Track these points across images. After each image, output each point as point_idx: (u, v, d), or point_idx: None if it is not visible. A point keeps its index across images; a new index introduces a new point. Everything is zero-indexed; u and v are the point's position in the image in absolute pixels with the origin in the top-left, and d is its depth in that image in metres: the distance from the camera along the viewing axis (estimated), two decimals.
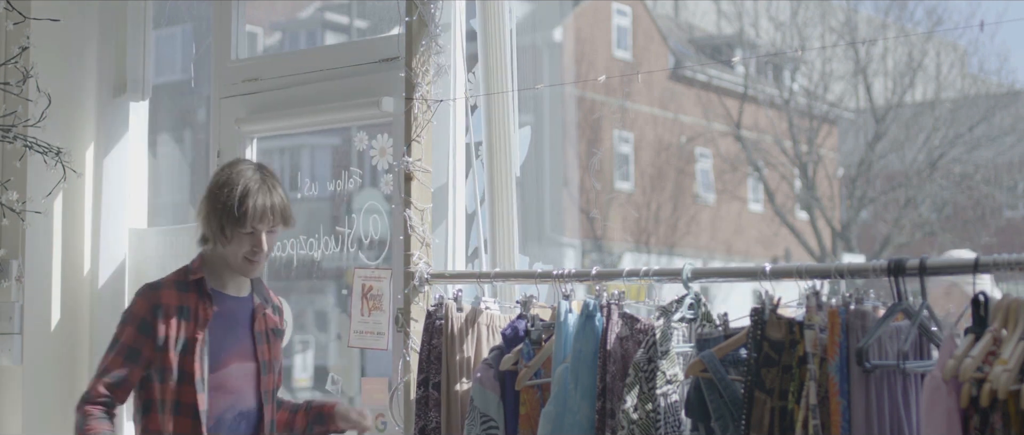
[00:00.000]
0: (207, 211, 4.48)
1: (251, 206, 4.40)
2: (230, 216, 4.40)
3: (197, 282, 4.52)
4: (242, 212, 4.39)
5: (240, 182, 4.43)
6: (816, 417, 3.44)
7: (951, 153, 25.25)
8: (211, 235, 4.48)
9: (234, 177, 4.45)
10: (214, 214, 4.44)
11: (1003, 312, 3.22)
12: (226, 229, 4.41)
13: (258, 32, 7.18)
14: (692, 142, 28.41)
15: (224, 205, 4.41)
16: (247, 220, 4.40)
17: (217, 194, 4.45)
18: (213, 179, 4.53)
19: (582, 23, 27.94)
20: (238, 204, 4.40)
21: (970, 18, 24.20)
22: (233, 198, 4.40)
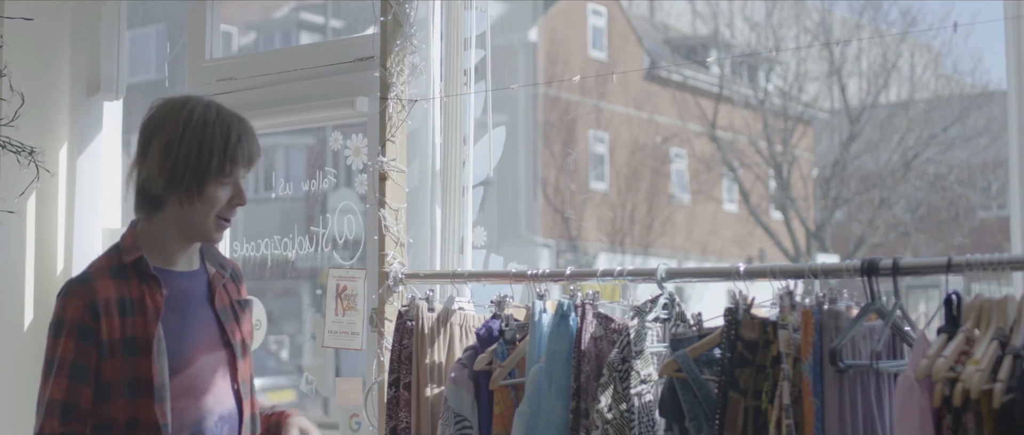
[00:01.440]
0: (170, 165, 3.53)
1: (239, 146, 3.61)
2: (210, 164, 3.54)
3: (135, 264, 3.62)
4: (231, 156, 3.57)
5: (211, 119, 3.59)
6: (789, 417, 3.45)
7: (925, 154, 25.33)
8: (174, 195, 3.56)
9: (199, 115, 3.58)
10: (182, 167, 3.52)
11: (976, 312, 3.24)
12: (201, 183, 3.54)
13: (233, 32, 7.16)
14: (667, 142, 28.45)
15: (199, 152, 3.53)
16: (236, 166, 3.60)
17: (183, 141, 3.54)
18: (163, 125, 3.58)
19: (557, 23, 27.95)
20: (223, 147, 3.57)
21: (944, 19, 24.28)
22: (214, 140, 3.56)
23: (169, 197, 3.57)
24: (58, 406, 3.50)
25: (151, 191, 3.58)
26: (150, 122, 3.63)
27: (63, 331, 3.54)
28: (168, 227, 3.64)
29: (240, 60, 6.23)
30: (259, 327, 5.67)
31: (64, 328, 3.54)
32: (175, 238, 3.66)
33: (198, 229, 3.64)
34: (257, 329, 5.64)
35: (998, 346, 3.09)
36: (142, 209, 3.64)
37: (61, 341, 3.54)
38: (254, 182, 5.92)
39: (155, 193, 3.58)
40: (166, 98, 3.70)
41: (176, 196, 3.56)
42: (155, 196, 3.59)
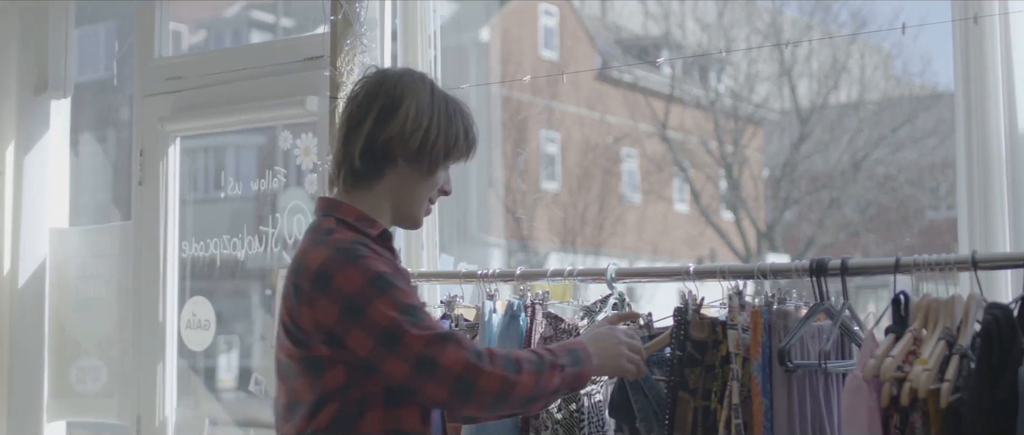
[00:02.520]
0: (424, 130, 3.30)
1: (476, 137, 3.45)
2: (457, 143, 3.37)
3: (380, 237, 3.36)
4: (470, 141, 3.42)
5: (453, 99, 3.41)
6: (738, 417, 3.46)
7: (875, 154, 25.44)
8: (411, 165, 3.33)
9: (441, 93, 3.39)
10: (435, 135, 3.32)
11: (923, 312, 3.26)
12: (444, 157, 3.36)
13: (183, 30, 7.12)
14: (618, 143, 28.48)
15: (449, 127, 3.35)
16: (470, 153, 3.44)
17: (435, 111, 3.33)
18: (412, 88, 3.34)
19: (509, 23, 27.94)
20: (466, 131, 3.40)
21: (894, 20, 24.35)
22: (460, 121, 3.39)
23: (401, 165, 3.33)
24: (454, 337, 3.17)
25: (389, 153, 3.31)
26: (391, 79, 3.37)
27: (389, 280, 3.17)
28: (383, 200, 3.37)
29: (189, 59, 6.20)
30: (207, 327, 5.65)
31: (387, 279, 3.17)
32: (386, 212, 3.39)
33: (413, 207, 3.40)
34: (206, 329, 5.63)
35: (945, 346, 3.11)
36: (361, 177, 3.34)
37: (396, 289, 3.16)
38: (203, 182, 5.92)
39: (393, 155, 3.31)
40: (394, 67, 3.56)
41: (411, 166, 3.34)
42: (389, 159, 3.31)
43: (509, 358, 3.19)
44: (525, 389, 3.17)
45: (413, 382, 3.13)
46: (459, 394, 3.12)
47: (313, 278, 3.17)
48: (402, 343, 3.11)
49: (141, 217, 5.82)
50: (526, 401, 3.22)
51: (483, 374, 3.12)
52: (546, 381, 3.21)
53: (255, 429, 5.82)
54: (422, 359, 3.10)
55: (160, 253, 5.73)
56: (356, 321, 3.12)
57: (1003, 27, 3.85)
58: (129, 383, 5.82)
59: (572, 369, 3.27)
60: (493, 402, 3.16)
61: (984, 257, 3.34)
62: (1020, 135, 3.84)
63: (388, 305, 3.13)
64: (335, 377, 3.18)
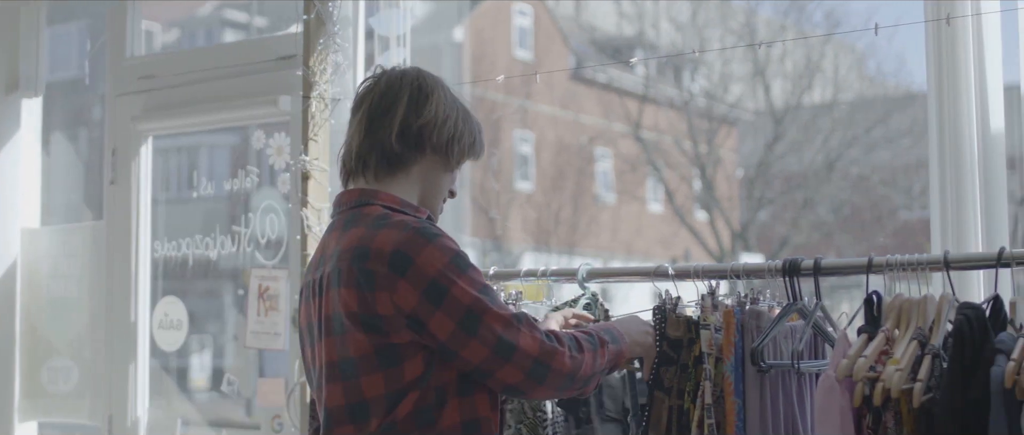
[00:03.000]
0: (453, 122, 3.35)
1: (484, 141, 3.52)
2: (472, 141, 3.41)
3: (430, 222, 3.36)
4: (482, 144, 3.47)
5: (468, 106, 3.45)
6: (711, 416, 3.46)
7: (849, 155, 25.50)
8: (438, 156, 3.35)
9: (460, 99, 3.43)
10: (461, 129, 3.37)
11: (896, 312, 3.26)
12: (463, 154, 3.39)
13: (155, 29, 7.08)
14: (592, 143, 28.50)
15: (467, 125, 3.39)
16: (481, 154, 3.48)
17: (457, 108, 3.38)
18: (437, 86, 3.38)
19: (483, 23, 27.94)
20: (479, 131, 3.45)
21: (867, 21, 24.44)
22: (476, 122, 3.45)
23: (429, 156, 3.33)
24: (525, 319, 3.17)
25: (421, 140, 3.30)
26: (411, 74, 3.38)
27: (466, 262, 3.15)
28: (413, 190, 3.34)
29: (162, 58, 6.19)
30: (180, 328, 5.64)
31: (464, 259, 3.15)
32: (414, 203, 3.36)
33: (436, 200, 3.40)
34: (178, 330, 5.61)
35: (918, 346, 3.12)
36: (397, 162, 3.31)
37: (473, 268, 3.15)
38: (176, 181, 5.91)
39: (424, 143, 3.30)
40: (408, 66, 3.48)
41: (438, 156, 3.34)
42: (420, 147, 3.30)
43: (570, 338, 3.24)
44: (586, 368, 3.22)
45: (490, 366, 3.11)
46: (535, 377, 3.14)
47: (388, 261, 3.08)
48: (482, 324, 3.08)
49: (113, 217, 5.80)
50: (586, 380, 3.25)
51: (556, 356, 3.14)
52: (599, 359, 3.28)
53: (227, 429, 5.80)
54: (500, 342, 3.09)
55: (132, 253, 5.72)
56: (439, 303, 3.07)
57: (975, 28, 3.87)
58: (101, 383, 5.80)
59: (614, 347, 3.36)
60: (562, 383, 3.19)
61: (956, 257, 3.35)
62: (992, 136, 3.85)
63: (468, 284, 3.10)
64: (414, 367, 3.11)
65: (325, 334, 3.20)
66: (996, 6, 3.89)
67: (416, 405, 3.11)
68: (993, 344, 3.02)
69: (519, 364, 3.11)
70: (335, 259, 3.18)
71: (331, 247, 3.25)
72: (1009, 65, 3.90)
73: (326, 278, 3.20)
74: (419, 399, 3.12)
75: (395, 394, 3.11)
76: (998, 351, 2.98)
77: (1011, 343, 3.00)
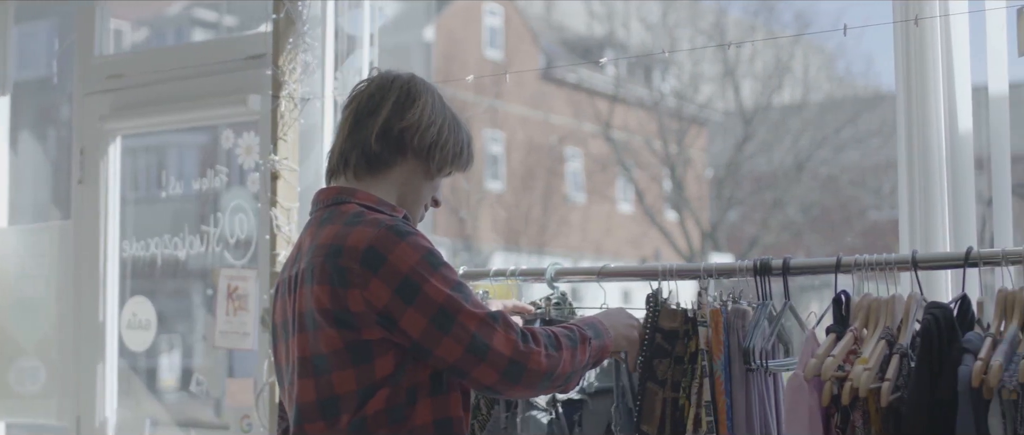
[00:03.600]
0: (438, 126, 3.32)
1: (474, 150, 3.49)
2: (459, 150, 3.38)
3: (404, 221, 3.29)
4: (471, 153, 3.45)
5: (460, 117, 3.43)
6: (710, 414, 3.46)
7: (818, 155, 25.60)
8: (418, 160, 3.32)
9: (452, 109, 3.40)
10: (447, 134, 3.34)
11: (864, 312, 3.27)
12: (446, 162, 3.35)
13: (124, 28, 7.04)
14: (563, 143, 28.53)
15: (457, 134, 3.37)
16: (469, 165, 3.45)
17: (447, 114, 3.37)
18: (427, 89, 3.37)
19: (453, 23, 27.96)
20: (469, 142, 3.43)
21: (837, 21, 24.56)
22: (464, 132, 3.41)
23: (410, 160, 3.31)
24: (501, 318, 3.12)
25: (403, 143, 3.28)
26: (403, 77, 3.37)
27: (439, 260, 3.12)
28: (391, 192, 3.31)
29: (130, 57, 6.17)
30: (148, 328, 5.62)
31: (437, 256, 3.13)
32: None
33: (415, 206, 3.37)
34: (146, 330, 5.59)
35: (886, 345, 3.13)
36: (376, 163, 3.29)
37: (445, 266, 3.12)
38: (144, 181, 5.88)
39: (405, 146, 3.29)
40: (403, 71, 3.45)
41: (419, 162, 3.32)
42: (401, 150, 3.29)
43: (548, 335, 3.18)
44: (566, 366, 3.17)
45: (464, 365, 3.07)
46: (510, 377, 3.09)
47: (361, 258, 3.07)
48: (456, 322, 3.05)
49: (81, 216, 5.78)
50: (566, 378, 3.21)
51: (532, 356, 3.10)
52: (580, 355, 3.23)
53: (196, 430, 5.79)
54: (474, 341, 3.05)
55: (100, 252, 5.70)
56: (412, 301, 3.05)
57: (944, 29, 3.88)
58: (69, 384, 5.78)
59: (597, 342, 3.31)
60: (540, 383, 3.14)
61: (924, 257, 3.36)
62: (960, 136, 3.86)
63: (441, 282, 3.07)
64: (385, 364, 3.10)
65: (298, 330, 3.19)
66: (964, 7, 3.90)
67: (387, 403, 3.10)
68: (961, 344, 3.03)
69: (493, 364, 3.07)
70: (309, 256, 3.18)
71: (306, 244, 3.25)
72: (977, 66, 3.91)
73: (301, 275, 3.20)
74: (390, 397, 3.10)
75: (366, 390, 3.10)
76: (965, 351, 2.99)
77: (978, 343, 3.01)
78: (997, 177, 3.84)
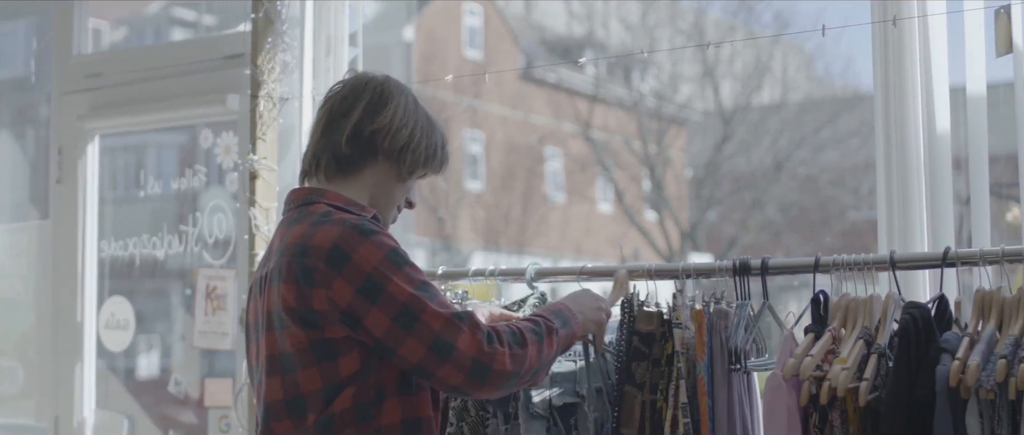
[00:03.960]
0: (409, 129, 3.32)
1: (449, 152, 3.48)
2: (436, 151, 3.39)
3: (373, 221, 3.28)
4: (445, 156, 3.44)
5: (434, 117, 3.43)
6: (687, 415, 3.46)
7: (797, 155, 25.62)
8: (390, 162, 3.32)
9: (427, 110, 3.41)
10: (419, 136, 3.33)
11: (842, 311, 3.28)
12: (417, 164, 3.34)
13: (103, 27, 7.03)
14: (542, 142, 28.53)
15: (431, 134, 3.37)
16: (443, 167, 3.45)
17: (419, 115, 3.37)
18: (400, 91, 3.37)
19: (433, 23, 27.94)
20: (443, 144, 3.43)
21: (816, 22, 24.57)
22: (439, 134, 3.41)
23: (381, 162, 3.30)
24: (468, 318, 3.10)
25: (373, 145, 3.28)
26: (376, 79, 3.37)
27: (404, 259, 3.11)
28: (362, 194, 3.31)
29: (109, 56, 6.16)
30: (127, 328, 5.61)
31: (402, 255, 3.11)
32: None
33: (386, 208, 3.37)
34: (125, 329, 5.58)
35: (863, 345, 3.13)
36: (345, 165, 3.30)
37: (410, 265, 3.10)
38: (123, 180, 5.86)
39: (375, 148, 3.29)
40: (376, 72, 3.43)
41: (390, 164, 3.31)
42: (371, 152, 3.29)
43: (513, 332, 3.14)
44: (532, 362, 3.13)
45: (429, 365, 3.04)
46: (476, 378, 3.06)
47: (326, 257, 3.07)
48: (420, 322, 3.03)
49: (59, 216, 5.76)
50: (534, 373, 3.17)
51: (496, 356, 3.06)
52: (547, 349, 3.20)
53: (175, 430, 5.78)
54: (438, 341, 3.03)
55: (78, 252, 5.68)
56: (375, 300, 3.04)
57: (922, 29, 3.89)
58: (47, 384, 5.76)
59: (564, 331, 3.28)
60: (506, 383, 3.11)
61: (902, 257, 3.37)
62: (938, 136, 3.87)
63: (405, 281, 3.06)
64: (350, 362, 3.09)
65: (266, 329, 3.20)
66: (942, 8, 3.91)
67: (354, 401, 3.10)
68: (938, 343, 3.04)
69: (458, 364, 3.05)
70: (278, 256, 3.18)
71: (276, 244, 3.25)
72: (955, 66, 3.92)
73: (269, 275, 3.20)
74: (357, 395, 3.10)
75: (331, 389, 3.10)
76: (943, 350, 3.00)
77: (956, 342, 3.02)
78: (975, 177, 3.85)
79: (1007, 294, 3.13)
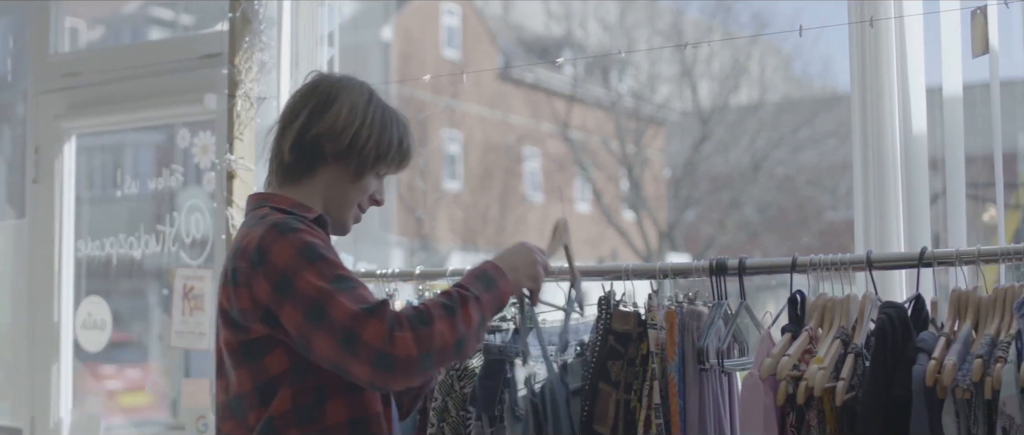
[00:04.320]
0: (355, 129, 3.27)
1: (412, 149, 3.40)
2: (388, 150, 3.32)
3: (317, 221, 3.28)
4: (404, 152, 3.36)
5: (391, 108, 3.36)
6: (660, 416, 3.47)
7: (775, 155, 25.64)
8: (339, 164, 3.30)
9: (379, 100, 3.35)
10: (366, 137, 3.28)
11: (819, 311, 3.29)
12: (373, 163, 3.30)
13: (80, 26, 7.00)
14: (520, 142, 28.52)
15: (382, 133, 3.30)
16: (403, 165, 3.39)
17: (369, 113, 3.30)
18: (349, 89, 3.33)
19: (411, 22, 27.90)
20: (400, 140, 3.35)
21: (794, 22, 24.57)
22: (395, 129, 3.34)
23: (331, 164, 3.29)
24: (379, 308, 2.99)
25: (319, 149, 3.27)
26: (329, 81, 3.35)
27: (321, 251, 3.07)
28: (314, 198, 3.30)
29: (86, 55, 6.14)
30: (103, 328, 5.59)
31: (319, 249, 3.07)
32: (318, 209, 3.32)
33: (341, 210, 3.34)
34: (102, 330, 5.56)
35: (841, 345, 3.14)
36: (291, 172, 3.31)
37: (325, 260, 3.05)
38: (100, 180, 5.85)
39: (323, 152, 3.27)
40: (334, 72, 3.44)
41: (340, 166, 3.28)
42: (319, 156, 3.28)
43: (419, 311, 3.01)
44: (444, 338, 2.99)
45: (339, 360, 2.96)
46: (383, 369, 2.93)
47: (249, 257, 3.07)
48: (327, 316, 2.96)
49: (36, 215, 5.74)
50: (457, 348, 3.03)
51: (398, 342, 2.93)
52: (463, 321, 3.04)
53: (152, 430, 5.77)
54: (345, 334, 2.94)
55: (55, 252, 5.67)
56: (287, 294, 3.01)
57: (898, 30, 3.90)
58: (23, 384, 5.74)
59: (488, 295, 3.15)
60: (418, 366, 2.96)
61: (879, 257, 3.38)
62: (915, 137, 3.88)
63: (316, 275, 3.00)
64: (276, 362, 3.08)
65: (216, 332, 3.24)
66: (919, 8, 3.92)
67: (294, 402, 3.09)
68: (915, 343, 3.05)
69: (364, 357, 2.94)
70: (225, 261, 3.21)
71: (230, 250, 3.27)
72: (931, 67, 3.93)
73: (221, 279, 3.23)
74: (296, 396, 3.09)
75: (263, 389, 3.10)
76: (920, 350, 3.01)
77: (932, 342, 3.03)
78: (951, 177, 3.86)
79: (983, 294, 3.14)
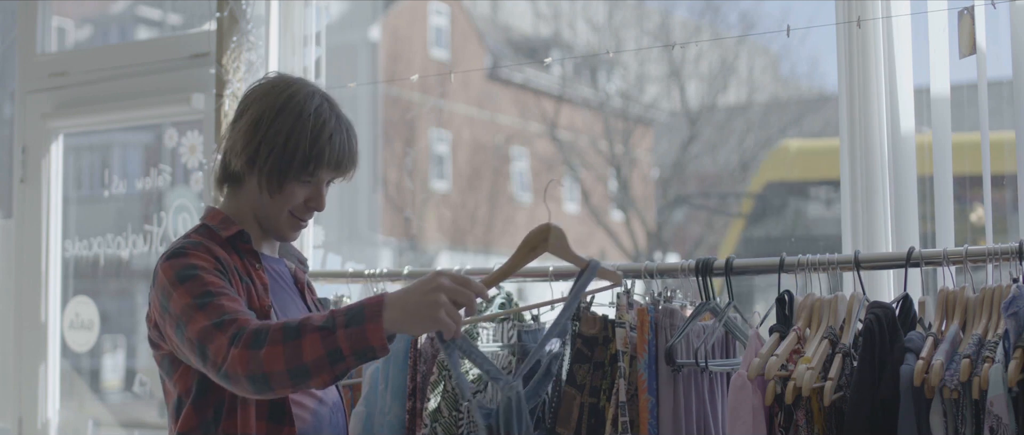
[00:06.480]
0: (255, 145, 3.22)
1: (328, 147, 3.24)
2: (294, 158, 3.21)
3: (234, 238, 3.27)
4: (316, 155, 3.22)
5: (309, 111, 3.23)
6: (625, 414, 3.47)
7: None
8: (253, 178, 3.26)
9: (297, 103, 3.25)
10: (267, 151, 3.21)
11: (807, 311, 3.29)
12: (281, 175, 3.22)
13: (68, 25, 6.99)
14: (509, 142, 28.52)
15: (286, 141, 3.21)
16: (321, 168, 3.25)
17: (273, 124, 3.22)
18: (259, 100, 3.28)
19: (399, 22, 27.88)
20: (311, 143, 3.22)
21: (782, 23, 24.59)
22: (303, 134, 3.21)
23: (248, 179, 3.27)
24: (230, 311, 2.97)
25: (231, 166, 3.28)
26: (250, 93, 3.33)
27: (196, 271, 3.06)
28: (245, 208, 3.30)
29: (73, 54, 6.13)
30: (91, 328, 5.58)
31: (196, 270, 3.07)
32: (252, 221, 3.31)
33: (271, 222, 3.30)
34: (89, 330, 5.55)
35: (829, 345, 3.14)
36: (223, 183, 3.34)
37: (196, 279, 3.04)
38: (87, 179, 5.84)
39: (235, 170, 3.28)
40: (280, 74, 3.40)
41: (255, 180, 3.25)
42: (235, 173, 3.29)
43: (257, 333, 2.89)
44: (272, 364, 2.85)
45: (206, 372, 2.98)
46: (225, 382, 2.91)
47: (151, 281, 3.19)
48: (187, 329, 2.97)
49: (23, 215, 5.73)
50: (290, 375, 2.86)
51: (229, 359, 2.87)
52: (299, 349, 2.86)
53: (140, 430, 5.76)
54: (199, 347, 2.94)
55: (42, 252, 5.66)
56: (165, 314, 3.07)
57: (886, 31, 3.90)
58: (10, 384, 5.73)
59: (345, 331, 2.86)
60: (250, 386, 2.88)
61: (866, 257, 3.38)
62: (902, 137, 3.89)
63: (184, 293, 3.01)
64: (182, 378, 3.15)
65: None
66: (906, 8, 3.93)
67: (199, 417, 3.13)
68: (903, 343, 3.05)
69: (211, 369, 2.93)
70: None
71: None
72: (919, 67, 3.94)
73: None
74: (200, 410, 3.13)
75: (178, 401, 3.17)
76: (907, 350, 3.02)
77: (920, 342, 3.04)
78: (939, 178, 3.87)
79: (970, 294, 3.14)
